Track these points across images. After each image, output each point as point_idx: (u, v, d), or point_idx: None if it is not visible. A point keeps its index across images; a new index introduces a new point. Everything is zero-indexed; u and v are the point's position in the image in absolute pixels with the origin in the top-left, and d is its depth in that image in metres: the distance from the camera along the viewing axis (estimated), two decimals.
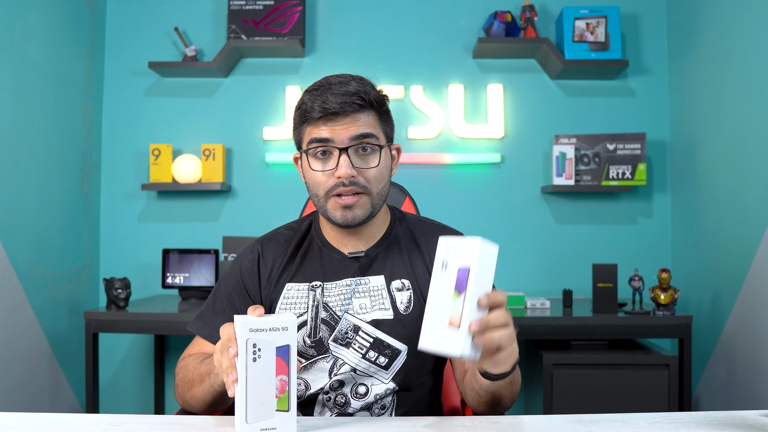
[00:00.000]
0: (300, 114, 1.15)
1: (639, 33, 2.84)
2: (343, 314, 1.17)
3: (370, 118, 1.14)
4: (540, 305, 2.40)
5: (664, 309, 2.27)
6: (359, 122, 1.12)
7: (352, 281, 1.19)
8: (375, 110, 1.15)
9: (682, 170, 2.69)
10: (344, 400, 1.17)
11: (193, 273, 2.63)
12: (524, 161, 2.82)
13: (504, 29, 2.70)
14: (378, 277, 1.20)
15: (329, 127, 1.11)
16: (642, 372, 2.17)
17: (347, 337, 1.17)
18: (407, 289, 1.19)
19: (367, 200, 1.14)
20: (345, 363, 1.16)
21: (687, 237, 2.65)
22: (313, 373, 1.18)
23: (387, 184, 1.18)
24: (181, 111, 2.84)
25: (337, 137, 1.11)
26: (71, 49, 2.61)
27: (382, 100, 1.17)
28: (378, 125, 1.16)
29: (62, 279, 2.55)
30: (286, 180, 2.82)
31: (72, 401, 2.60)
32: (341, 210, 1.13)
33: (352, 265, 1.21)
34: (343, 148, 1.11)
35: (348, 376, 1.17)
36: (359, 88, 1.12)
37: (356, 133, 1.11)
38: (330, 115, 1.11)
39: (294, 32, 2.74)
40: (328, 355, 1.17)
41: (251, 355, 0.87)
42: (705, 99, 2.48)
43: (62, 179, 2.56)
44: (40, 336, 2.39)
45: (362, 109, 1.12)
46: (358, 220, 1.14)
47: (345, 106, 1.10)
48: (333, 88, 1.12)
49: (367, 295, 1.18)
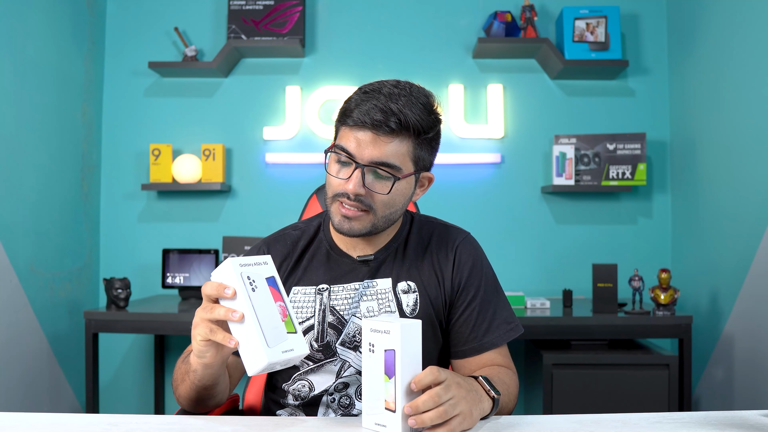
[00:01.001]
0: (343, 110, 1.13)
1: (639, 33, 2.84)
2: (350, 317, 1.17)
3: (403, 144, 1.09)
4: (540, 305, 2.40)
5: (664, 309, 2.27)
6: (387, 146, 1.08)
7: (361, 285, 1.19)
8: (412, 136, 1.10)
9: (682, 170, 2.69)
10: (349, 401, 1.17)
11: (193, 273, 2.63)
12: (524, 161, 2.82)
13: (504, 29, 2.70)
14: (385, 280, 1.19)
15: (358, 139, 1.08)
16: (642, 372, 2.17)
17: (355, 340, 1.17)
18: (413, 291, 1.19)
19: (368, 219, 1.12)
20: (351, 365, 1.17)
21: (687, 237, 2.65)
22: (320, 375, 1.18)
23: (398, 211, 1.16)
24: (181, 111, 2.84)
25: (359, 153, 1.08)
26: (71, 49, 2.61)
27: (426, 127, 1.11)
28: (410, 153, 1.11)
29: (62, 279, 2.55)
30: (286, 180, 2.82)
31: (72, 401, 2.60)
32: (340, 217, 1.12)
33: (361, 269, 1.20)
34: (361, 165, 1.09)
35: (353, 378, 1.17)
36: (402, 109, 1.07)
37: (378, 155, 1.08)
38: (363, 126, 1.08)
39: (294, 32, 2.74)
40: (335, 358, 1.17)
41: (249, 287, 0.90)
42: (705, 99, 2.49)
43: (62, 179, 2.56)
44: (40, 336, 2.39)
45: (395, 134, 1.08)
46: (353, 232, 1.13)
47: (376, 127, 1.07)
48: (380, 99, 1.08)
49: (375, 298, 1.18)
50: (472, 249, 1.24)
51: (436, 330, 1.20)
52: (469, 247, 1.24)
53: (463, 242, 1.24)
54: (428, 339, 1.15)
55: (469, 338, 1.19)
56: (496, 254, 2.75)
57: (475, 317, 1.19)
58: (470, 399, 0.93)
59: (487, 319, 1.19)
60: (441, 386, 0.89)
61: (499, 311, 1.21)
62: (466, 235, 1.26)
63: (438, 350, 1.22)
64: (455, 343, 1.21)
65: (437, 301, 1.20)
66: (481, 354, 1.18)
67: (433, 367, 0.90)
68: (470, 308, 1.19)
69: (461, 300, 1.20)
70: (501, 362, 1.19)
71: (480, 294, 1.20)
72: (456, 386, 0.91)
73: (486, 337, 1.18)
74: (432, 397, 0.88)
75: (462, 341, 1.19)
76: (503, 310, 1.22)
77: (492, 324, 1.19)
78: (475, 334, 1.18)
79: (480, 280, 1.21)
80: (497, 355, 1.19)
